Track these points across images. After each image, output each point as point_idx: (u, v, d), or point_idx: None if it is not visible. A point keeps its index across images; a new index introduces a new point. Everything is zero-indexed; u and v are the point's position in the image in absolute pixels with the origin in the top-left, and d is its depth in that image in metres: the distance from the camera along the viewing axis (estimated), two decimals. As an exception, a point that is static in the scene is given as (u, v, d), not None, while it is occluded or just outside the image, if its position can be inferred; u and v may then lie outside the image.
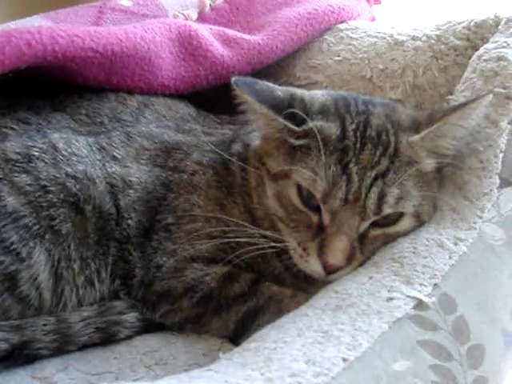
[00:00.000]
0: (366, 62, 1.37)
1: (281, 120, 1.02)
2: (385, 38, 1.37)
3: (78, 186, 1.09)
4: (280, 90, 1.06)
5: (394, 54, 1.34)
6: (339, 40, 1.45)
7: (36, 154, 1.09)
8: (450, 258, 0.95)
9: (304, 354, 0.78)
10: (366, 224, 0.99)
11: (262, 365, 0.77)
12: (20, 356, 0.99)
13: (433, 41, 1.30)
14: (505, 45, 1.14)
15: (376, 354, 0.80)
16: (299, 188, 1.02)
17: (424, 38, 1.32)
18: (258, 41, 1.38)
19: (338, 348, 0.79)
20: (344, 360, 0.78)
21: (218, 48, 1.35)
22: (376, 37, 1.39)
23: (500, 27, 1.20)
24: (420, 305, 0.87)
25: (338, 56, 1.42)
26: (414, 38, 1.33)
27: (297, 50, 1.46)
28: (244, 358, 0.82)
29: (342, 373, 0.76)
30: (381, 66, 1.35)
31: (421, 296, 0.88)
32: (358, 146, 1.00)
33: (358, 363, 0.78)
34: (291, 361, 0.77)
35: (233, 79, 1.03)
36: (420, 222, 1.02)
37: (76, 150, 1.12)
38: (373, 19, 1.58)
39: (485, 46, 1.18)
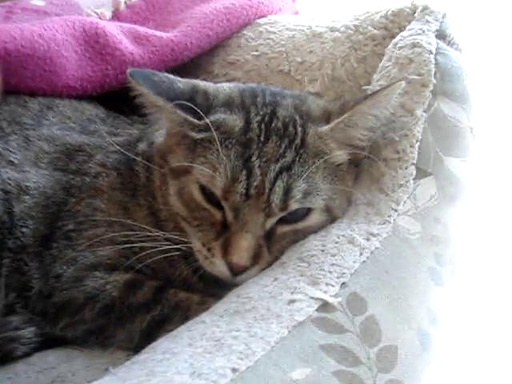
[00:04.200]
0: (284, 55, 1.31)
1: (179, 112, 0.96)
2: (303, 31, 1.32)
3: None
4: (181, 82, 1.01)
5: (312, 47, 1.28)
6: (258, 35, 1.39)
7: None
8: (361, 254, 0.89)
9: (191, 365, 0.71)
10: (272, 221, 0.93)
11: (143, 379, 0.70)
12: None
13: (351, 31, 1.25)
14: (420, 32, 1.10)
15: (271, 362, 0.73)
16: (201, 184, 0.95)
17: (342, 29, 1.26)
18: (170, 37, 1.32)
19: (229, 357, 0.72)
20: (233, 370, 0.70)
21: (127, 46, 1.29)
22: (295, 30, 1.34)
23: (416, 15, 1.15)
24: (325, 306, 0.80)
25: (256, 51, 1.36)
26: (332, 29, 1.28)
27: (215, 46, 1.40)
28: (129, 372, 0.74)
29: (230, 384, 0.69)
30: (299, 59, 1.29)
31: (326, 297, 0.81)
32: (262, 138, 0.94)
33: (249, 373, 0.71)
34: (175, 373, 0.70)
35: (128, 71, 0.97)
36: (332, 216, 0.96)
37: None
38: (296, 14, 1.53)
39: (401, 33, 1.13)
